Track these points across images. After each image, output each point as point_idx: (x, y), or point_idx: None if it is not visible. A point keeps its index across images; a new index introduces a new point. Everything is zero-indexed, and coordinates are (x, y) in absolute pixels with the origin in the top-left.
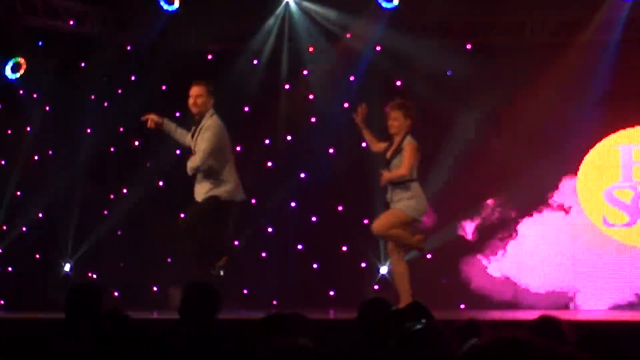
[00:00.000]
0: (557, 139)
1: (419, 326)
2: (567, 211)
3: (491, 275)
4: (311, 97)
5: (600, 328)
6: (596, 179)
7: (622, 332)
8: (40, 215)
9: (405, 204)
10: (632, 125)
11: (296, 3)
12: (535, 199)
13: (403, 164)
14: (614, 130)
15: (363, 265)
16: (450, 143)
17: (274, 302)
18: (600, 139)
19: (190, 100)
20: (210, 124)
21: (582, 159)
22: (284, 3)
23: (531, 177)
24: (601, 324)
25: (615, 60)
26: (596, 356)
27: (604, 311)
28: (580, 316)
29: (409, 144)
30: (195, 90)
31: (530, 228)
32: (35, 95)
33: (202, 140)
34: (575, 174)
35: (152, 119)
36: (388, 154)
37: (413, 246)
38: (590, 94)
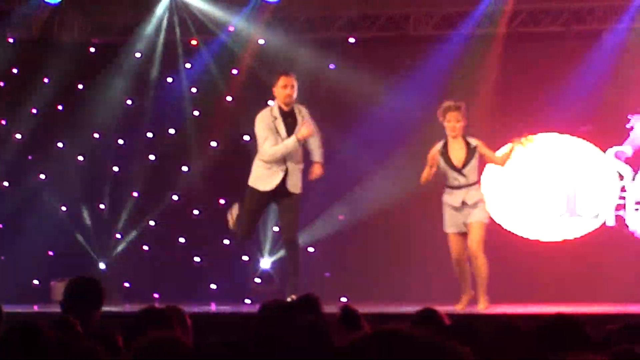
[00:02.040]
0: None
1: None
2: None
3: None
4: (194, 90)
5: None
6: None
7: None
8: None
9: (483, 213)
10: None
11: None
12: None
13: (495, 156)
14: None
15: (245, 259)
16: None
17: (156, 296)
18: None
19: (287, 91)
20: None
21: None
22: None
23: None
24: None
25: (499, 54)
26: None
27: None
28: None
29: (478, 141)
30: (290, 80)
31: None
32: None
33: (312, 126)
34: None
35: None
36: (458, 163)
37: None
38: (475, 89)
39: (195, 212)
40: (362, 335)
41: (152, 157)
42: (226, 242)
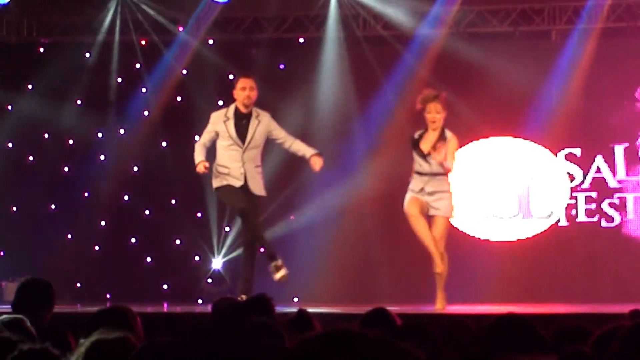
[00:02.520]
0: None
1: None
2: None
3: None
4: (144, 90)
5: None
6: None
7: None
8: None
9: (446, 205)
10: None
11: None
12: None
13: (450, 158)
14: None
15: (196, 258)
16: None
17: (108, 296)
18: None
19: (246, 93)
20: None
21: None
22: None
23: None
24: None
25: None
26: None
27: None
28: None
29: (453, 137)
30: (249, 82)
31: None
32: None
33: (281, 130)
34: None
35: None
36: (427, 149)
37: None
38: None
39: (147, 212)
40: (311, 335)
41: (102, 157)
42: (177, 242)
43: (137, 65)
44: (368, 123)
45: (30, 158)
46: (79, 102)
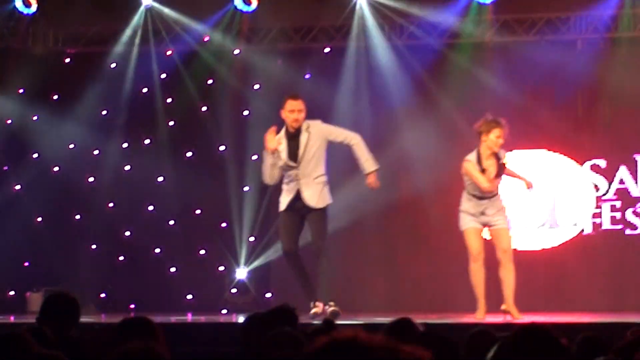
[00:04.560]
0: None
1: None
2: None
3: None
4: (169, 100)
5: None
6: None
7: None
8: None
9: (505, 218)
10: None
11: (153, 8)
12: None
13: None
14: None
15: (221, 268)
16: None
17: (132, 307)
18: None
19: (294, 116)
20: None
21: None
22: (142, 8)
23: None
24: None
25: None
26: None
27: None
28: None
29: (504, 154)
30: (297, 105)
31: None
32: None
33: (340, 133)
34: None
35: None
36: (494, 174)
37: None
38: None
39: (171, 222)
40: (319, 343)
41: (127, 167)
42: (202, 252)
43: (163, 76)
44: (393, 132)
45: (56, 168)
46: (104, 112)
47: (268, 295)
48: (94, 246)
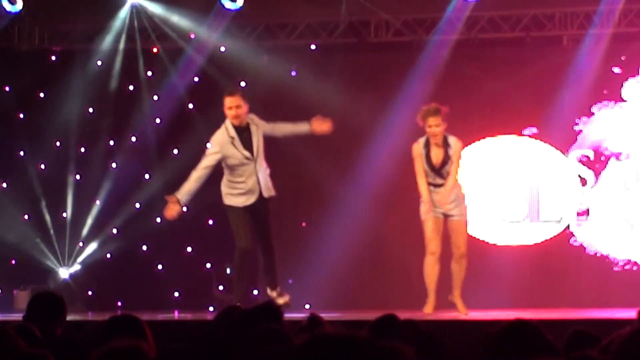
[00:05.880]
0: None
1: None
2: None
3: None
4: (155, 97)
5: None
6: None
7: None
8: None
9: (463, 209)
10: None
11: (139, 5)
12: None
13: (456, 166)
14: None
15: (208, 266)
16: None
17: (119, 304)
18: None
19: (233, 112)
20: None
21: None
22: (128, 5)
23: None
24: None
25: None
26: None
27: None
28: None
29: (457, 142)
30: (235, 101)
31: None
32: None
33: (272, 125)
34: None
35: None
36: (438, 163)
37: None
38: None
39: (158, 219)
40: (302, 341)
41: (113, 164)
42: (189, 249)
43: (149, 73)
44: (380, 130)
45: (42, 166)
46: (90, 110)
47: (255, 292)
48: (80, 244)
